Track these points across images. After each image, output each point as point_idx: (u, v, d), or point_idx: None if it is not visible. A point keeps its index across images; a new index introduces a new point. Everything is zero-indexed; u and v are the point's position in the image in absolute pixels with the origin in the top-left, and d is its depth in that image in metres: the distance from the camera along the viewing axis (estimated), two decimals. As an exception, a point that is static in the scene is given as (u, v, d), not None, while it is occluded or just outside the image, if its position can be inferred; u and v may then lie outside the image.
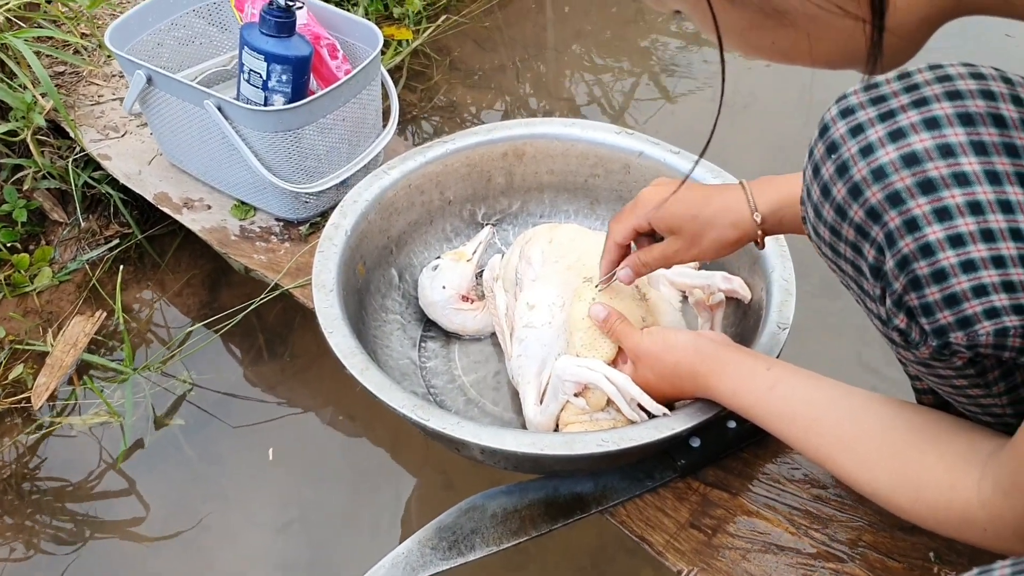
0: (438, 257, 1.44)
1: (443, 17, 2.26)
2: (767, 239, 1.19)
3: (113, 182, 1.70)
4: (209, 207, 1.62)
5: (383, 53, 2.08)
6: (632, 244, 1.18)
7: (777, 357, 1.15)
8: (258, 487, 1.47)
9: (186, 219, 1.60)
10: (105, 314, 1.63)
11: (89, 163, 1.72)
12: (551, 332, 1.24)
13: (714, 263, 1.37)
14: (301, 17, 1.53)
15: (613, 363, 1.18)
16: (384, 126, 1.63)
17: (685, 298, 1.36)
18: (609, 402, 1.15)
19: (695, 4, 0.64)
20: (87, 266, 1.69)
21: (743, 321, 1.32)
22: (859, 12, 0.60)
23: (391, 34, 2.15)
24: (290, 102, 1.48)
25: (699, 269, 1.38)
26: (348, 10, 2.08)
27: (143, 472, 1.48)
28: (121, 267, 1.67)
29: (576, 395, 1.16)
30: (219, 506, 1.44)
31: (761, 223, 1.08)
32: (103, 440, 1.51)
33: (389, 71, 2.05)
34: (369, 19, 2.12)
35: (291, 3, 1.45)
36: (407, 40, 2.16)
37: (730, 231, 1.09)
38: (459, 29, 2.29)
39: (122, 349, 1.59)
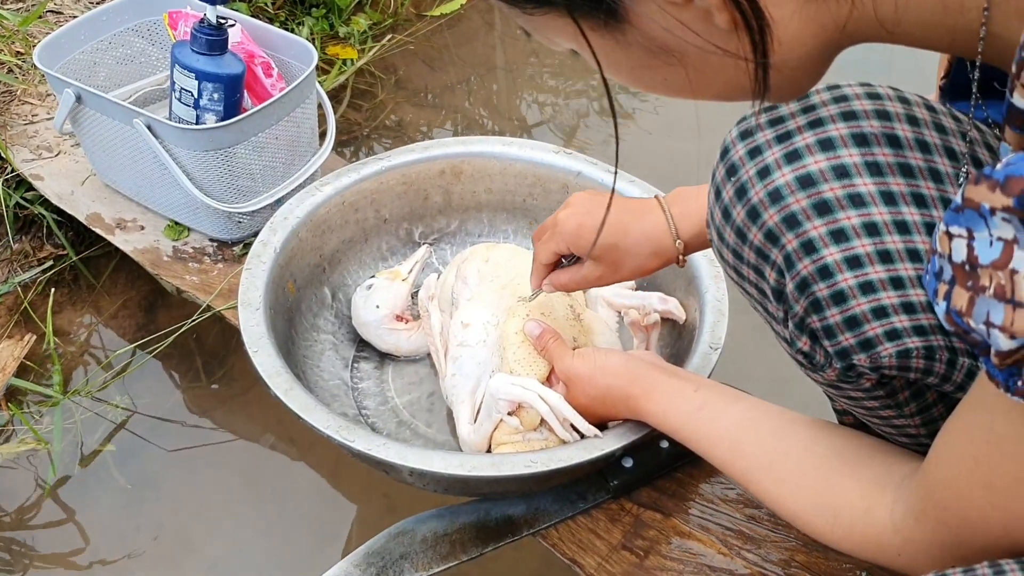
0: (373, 276, 1.41)
1: (388, 36, 2.24)
2: (700, 259, 1.17)
3: (46, 203, 1.66)
4: (143, 228, 1.59)
5: (327, 72, 2.06)
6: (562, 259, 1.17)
7: (708, 377, 1.14)
8: (194, 514, 1.43)
9: (119, 240, 1.57)
10: (35, 338, 1.59)
11: (21, 183, 1.69)
12: (485, 351, 1.23)
13: (650, 284, 1.37)
14: (235, 35, 1.51)
15: (547, 381, 1.17)
16: (321, 145, 1.60)
17: (623, 318, 1.34)
18: (542, 422, 1.14)
19: (581, 46, 0.63)
20: (19, 289, 1.65)
21: (678, 342, 1.31)
22: (740, 51, 0.59)
23: (336, 53, 2.13)
24: (222, 121, 1.46)
25: (635, 290, 1.37)
26: (292, 30, 2.07)
27: (76, 499, 1.44)
28: (53, 289, 1.64)
29: (510, 414, 1.14)
30: (154, 534, 1.40)
31: (683, 249, 1.07)
32: (38, 467, 1.47)
33: (334, 90, 2.04)
34: (314, 39, 2.10)
35: (222, 20, 1.43)
36: (352, 59, 2.14)
37: (651, 260, 1.09)
38: (406, 48, 2.27)
39: (54, 374, 1.55)
